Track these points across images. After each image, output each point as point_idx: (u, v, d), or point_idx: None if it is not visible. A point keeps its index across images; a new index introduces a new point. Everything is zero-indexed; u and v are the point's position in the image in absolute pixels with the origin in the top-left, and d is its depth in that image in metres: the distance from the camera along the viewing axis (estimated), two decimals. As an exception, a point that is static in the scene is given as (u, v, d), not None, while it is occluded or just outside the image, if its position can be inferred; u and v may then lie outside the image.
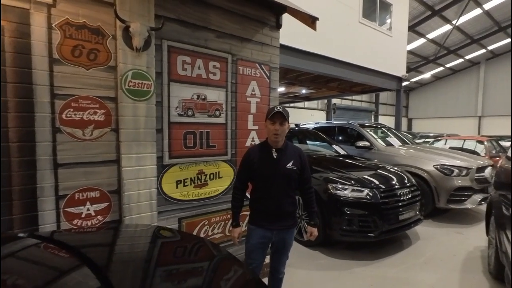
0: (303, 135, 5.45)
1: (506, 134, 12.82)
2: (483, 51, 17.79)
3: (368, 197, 3.07)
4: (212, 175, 2.36)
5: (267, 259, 2.03)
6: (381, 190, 3.16)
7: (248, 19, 2.48)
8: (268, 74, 2.67)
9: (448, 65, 19.58)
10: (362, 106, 20.12)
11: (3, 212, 1.54)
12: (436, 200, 4.25)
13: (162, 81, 2.06)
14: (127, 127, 1.84)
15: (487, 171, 4.52)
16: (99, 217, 1.84)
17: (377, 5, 7.15)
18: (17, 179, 1.58)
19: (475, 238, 3.69)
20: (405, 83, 13.46)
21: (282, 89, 9.02)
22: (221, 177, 2.41)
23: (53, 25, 1.64)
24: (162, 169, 2.08)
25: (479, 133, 18.96)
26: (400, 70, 8.01)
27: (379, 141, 5.42)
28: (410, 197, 3.32)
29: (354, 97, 19.27)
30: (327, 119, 14.05)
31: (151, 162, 1.95)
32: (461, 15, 12.09)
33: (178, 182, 2.18)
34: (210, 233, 2.39)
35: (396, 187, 3.30)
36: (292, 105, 15.02)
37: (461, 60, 18.80)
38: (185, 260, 1.03)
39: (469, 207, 4.26)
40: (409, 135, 8.93)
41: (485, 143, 7.36)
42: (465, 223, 4.33)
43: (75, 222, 1.77)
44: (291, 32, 4.52)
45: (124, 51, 1.79)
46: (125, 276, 0.94)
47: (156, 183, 2.00)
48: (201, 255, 1.08)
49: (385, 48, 7.41)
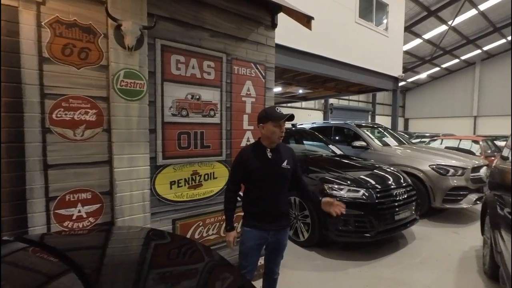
0: (299, 135, 5.43)
1: (501, 134, 12.92)
2: (479, 51, 17.94)
3: (364, 197, 3.06)
4: (206, 176, 2.34)
5: (261, 260, 2.01)
6: (377, 190, 3.15)
7: (243, 18, 2.46)
8: (263, 74, 2.65)
9: (444, 66, 19.71)
10: (359, 106, 20.16)
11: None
12: (431, 199, 4.26)
13: (155, 81, 2.03)
14: (119, 127, 1.81)
15: (482, 171, 4.55)
16: (90, 219, 1.81)
17: (374, 5, 7.16)
18: (6, 181, 1.54)
19: (471, 237, 3.71)
20: (401, 83, 13.54)
21: (279, 89, 9.00)
22: (216, 178, 2.39)
23: (42, 23, 1.61)
24: (155, 170, 2.06)
25: (474, 133, 19.12)
26: (396, 70, 8.03)
27: (376, 141, 5.43)
28: (406, 197, 3.32)
29: (351, 97, 19.33)
30: (324, 119, 14.04)
31: (144, 163, 1.92)
32: (456, 16, 12.17)
33: (172, 183, 2.16)
34: (204, 234, 2.37)
35: (392, 187, 3.30)
36: (289, 105, 15.02)
37: (456, 60, 18.94)
38: (175, 264, 1.01)
39: (465, 206, 4.28)
40: (405, 135, 8.97)
41: (480, 143, 7.41)
42: (460, 222, 4.35)
43: (66, 224, 1.73)
44: (288, 32, 4.51)
45: (116, 50, 1.76)
46: (115, 280, 0.92)
47: (149, 184, 1.97)
48: (192, 259, 1.06)
49: (382, 48, 7.42)
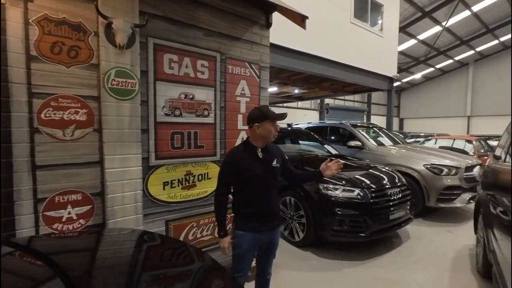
0: (295, 135, 5.43)
1: (493, 133, 13.10)
2: (472, 52, 18.16)
3: (359, 197, 3.06)
4: (200, 176, 2.31)
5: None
6: (372, 190, 3.16)
7: (237, 17, 2.44)
8: (258, 73, 2.63)
9: (438, 66, 19.91)
10: (354, 106, 20.27)
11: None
12: (426, 199, 4.29)
13: (147, 80, 2.00)
14: (110, 127, 1.77)
15: (476, 170, 4.59)
16: (81, 220, 1.77)
17: (369, 6, 7.19)
18: (-8, 182, 1.50)
19: (464, 236, 3.74)
20: (396, 84, 13.65)
21: (275, 89, 9.00)
22: (210, 178, 2.36)
23: (30, 21, 1.57)
24: (148, 170, 2.02)
25: (468, 133, 19.35)
26: (391, 70, 8.08)
27: (371, 141, 5.45)
28: (400, 196, 3.33)
29: (346, 97, 19.41)
30: (320, 119, 14.08)
31: (136, 163, 1.89)
32: (450, 17, 12.29)
33: (165, 183, 2.13)
34: (198, 235, 2.34)
35: (387, 186, 3.31)
36: (285, 105, 15.02)
37: (450, 61, 19.14)
38: (165, 267, 0.99)
39: (458, 205, 4.32)
40: (400, 135, 9.03)
41: (474, 143, 7.49)
42: (454, 221, 4.38)
43: (55, 226, 1.69)
44: (284, 31, 4.50)
45: (106, 48, 1.73)
46: (105, 284, 0.90)
47: (141, 185, 1.94)
48: (183, 262, 1.03)
49: (377, 48, 7.46)
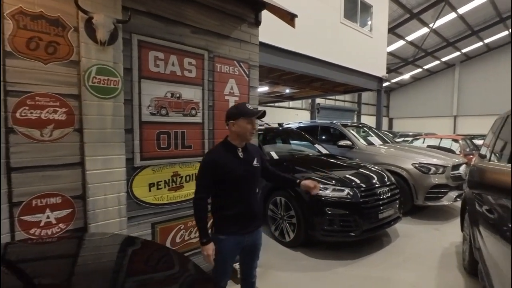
0: (286, 135, 5.42)
1: (479, 132, 13.49)
2: (458, 53, 18.64)
3: (348, 196, 3.06)
4: (188, 177, 2.26)
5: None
6: (362, 189, 3.17)
7: (225, 14, 2.40)
8: (247, 72, 2.59)
9: (425, 67, 20.35)
10: (345, 106, 20.49)
11: None
12: (414, 197, 4.35)
13: (132, 78, 1.93)
14: (92, 127, 1.70)
15: (462, 169, 4.69)
16: (61, 225, 1.69)
17: (358, 7, 7.26)
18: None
19: (451, 234, 3.80)
20: (385, 84, 13.86)
21: (265, 89, 8.97)
22: (198, 179, 2.30)
23: (4, 14, 1.48)
24: (132, 171, 1.96)
25: (454, 132, 19.87)
26: (380, 70, 8.18)
27: (361, 140, 5.50)
28: (389, 195, 3.36)
29: (337, 97, 19.61)
30: (311, 119, 14.17)
31: (120, 164, 1.82)
32: (437, 19, 12.57)
33: (151, 185, 2.06)
34: (186, 238, 2.29)
35: (376, 186, 3.32)
36: (277, 104, 15.05)
37: (437, 62, 19.60)
38: (146, 273, 0.94)
39: (445, 203, 4.39)
40: (389, 134, 9.17)
41: (460, 142, 7.67)
42: (441, 219, 4.46)
43: (32, 231, 1.61)
44: (275, 31, 4.48)
45: (87, 44, 1.66)
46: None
47: (125, 186, 1.87)
48: (164, 268, 0.99)
49: (366, 49, 7.53)
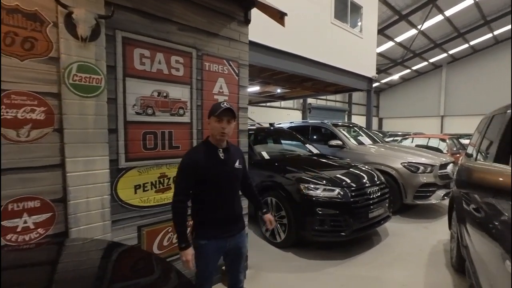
0: (277, 134, 5.41)
1: (465, 132, 13.86)
2: (445, 55, 19.09)
3: (339, 196, 3.06)
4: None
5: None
6: (352, 189, 3.17)
7: (214, 12, 2.35)
8: (237, 71, 2.55)
9: (414, 68, 20.76)
10: (336, 106, 20.69)
11: None
12: (404, 196, 4.41)
13: (116, 76, 1.86)
14: (72, 127, 1.63)
15: (449, 168, 4.78)
16: (39, 230, 1.61)
17: (348, 7, 7.32)
18: None
19: (439, 232, 3.87)
20: (375, 84, 14.06)
21: (257, 88, 8.95)
22: (187, 180, 2.25)
23: (-25, 7, 1.40)
24: (117, 173, 1.89)
25: (441, 132, 20.35)
26: (370, 71, 8.28)
27: (351, 140, 5.54)
28: (379, 194, 3.38)
29: (328, 97, 19.77)
30: (303, 119, 14.25)
31: (103, 166, 1.75)
32: (425, 21, 12.84)
33: (136, 187, 1.99)
34: (174, 241, 2.22)
35: (366, 185, 3.34)
36: (268, 104, 15.05)
37: (425, 63, 20.03)
38: (125, 280, 0.89)
39: (434, 202, 4.46)
40: (379, 134, 9.29)
41: (447, 141, 7.84)
42: (430, 217, 4.54)
43: (9, 237, 1.52)
44: (266, 30, 4.45)
45: (67, 40, 1.58)
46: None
47: (109, 189, 1.80)
48: (145, 274, 0.94)
49: (357, 49, 7.61)
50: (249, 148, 3.74)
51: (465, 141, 8.94)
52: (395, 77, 20.76)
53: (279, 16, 2.37)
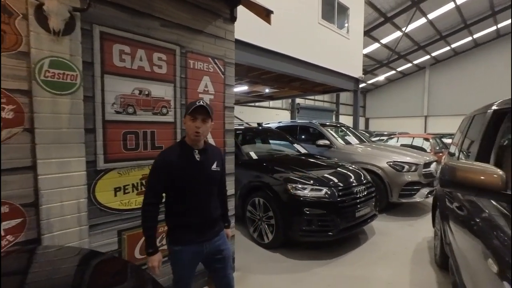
0: (265, 134, 5.38)
1: (447, 132, 14.33)
2: (428, 57, 19.69)
3: (326, 196, 3.06)
4: (159, 180, 2.12)
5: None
6: (339, 188, 3.18)
7: (199, 8, 2.28)
8: (222, 69, 2.49)
9: (399, 69, 21.29)
10: (324, 106, 20.93)
11: None
12: (389, 195, 4.48)
13: (93, 73, 1.77)
14: (44, 126, 1.53)
15: (433, 166, 4.90)
16: (8, 237, 1.50)
17: (335, 8, 7.39)
18: None
19: (424, 230, 3.95)
20: (362, 85, 14.30)
21: (245, 88, 8.90)
22: (170, 182, 2.17)
23: None
24: (95, 175, 1.79)
25: (425, 131, 20.98)
26: (357, 71, 8.40)
27: (339, 139, 5.58)
28: (366, 193, 3.41)
29: (316, 97, 19.97)
30: (291, 119, 14.32)
31: (79, 167, 1.65)
32: (409, 23, 13.16)
33: (116, 189, 1.90)
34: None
35: (353, 184, 3.36)
36: (257, 104, 15.01)
37: (409, 64, 20.58)
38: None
39: (418, 200, 4.56)
40: (366, 134, 9.46)
41: (431, 141, 8.07)
42: (415, 215, 4.63)
43: (-27, 245, 1.41)
44: (253, 29, 4.41)
45: (38, 34, 1.48)
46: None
47: (86, 192, 1.70)
48: (118, 283, 0.87)
49: (343, 50, 7.70)
50: (237, 148, 3.69)
51: (448, 141, 9.24)
52: (381, 78, 21.23)
53: (265, 13, 2.34)
